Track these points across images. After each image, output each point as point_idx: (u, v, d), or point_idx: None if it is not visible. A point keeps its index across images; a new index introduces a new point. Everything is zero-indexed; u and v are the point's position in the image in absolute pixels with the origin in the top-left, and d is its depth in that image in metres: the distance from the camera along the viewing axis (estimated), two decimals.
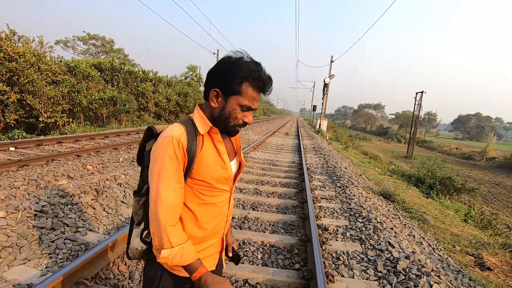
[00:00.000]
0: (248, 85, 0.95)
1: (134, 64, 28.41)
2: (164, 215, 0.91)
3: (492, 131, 53.73)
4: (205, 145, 1.00)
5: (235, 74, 0.94)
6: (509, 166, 22.30)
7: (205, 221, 1.04)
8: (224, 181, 1.05)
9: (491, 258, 3.82)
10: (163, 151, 0.92)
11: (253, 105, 0.99)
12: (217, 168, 1.02)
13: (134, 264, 2.48)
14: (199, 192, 1.01)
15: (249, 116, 1.02)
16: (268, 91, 1.01)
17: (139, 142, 8.77)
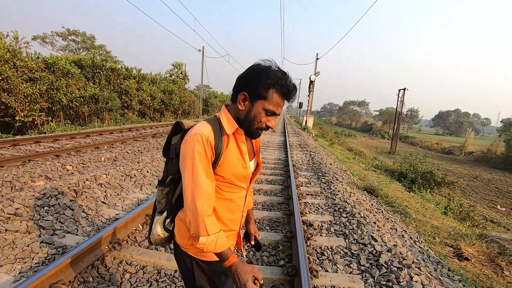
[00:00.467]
0: (274, 91, 1.02)
1: (116, 61, 27.69)
2: (201, 205, 1.00)
3: (470, 127, 55.87)
4: (230, 144, 1.08)
5: (263, 80, 1.01)
6: (486, 160, 23.27)
7: (223, 214, 1.14)
8: (243, 179, 1.14)
9: (468, 249, 3.97)
10: (193, 148, 1.00)
11: (277, 110, 1.06)
12: (239, 166, 1.10)
13: (115, 266, 2.41)
14: (219, 187, 1.10)
15: (272, 121, 1.09)
16: (292, 99, 1.08)
17: (122, 141, 8.58)
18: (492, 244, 4.10)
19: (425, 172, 9.23)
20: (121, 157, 6.39)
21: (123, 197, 3.89)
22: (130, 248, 2.65)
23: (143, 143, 8.49)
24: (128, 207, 3.62)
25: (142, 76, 19.44)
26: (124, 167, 4.85)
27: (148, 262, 2.50)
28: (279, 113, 1.07)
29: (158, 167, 5.41)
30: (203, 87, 33.69)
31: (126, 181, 4.41)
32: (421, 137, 43.79)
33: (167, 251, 2.75)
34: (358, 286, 2.33)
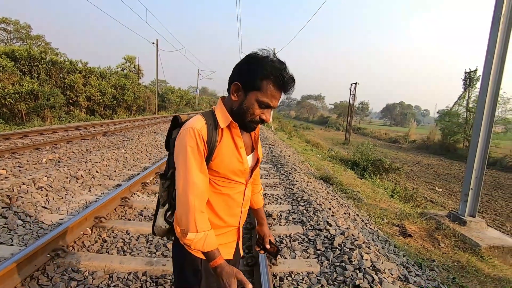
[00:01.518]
0: (268, 82, 0.97)
1: (58, 53, 25.16)
2: (193, 201, 0.97)
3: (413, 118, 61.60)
4: (224, 138, 1.04)
5: (257, 70, 0.96)
6: (426, 147, 25.87)
7: (220, 209, 1.09)
8: (239, 173, 1.09)
9: (411, 226, 4.38)
10: (185, 142, 0.98)
11: (272, 102, 1.00)
12: (234, 161, 1.06)
13: (59, 275, 2.20)
14: (215, 182, 1.06)
15: (267, 114, 1.04)
16: (289, 91, 1.02)
17: (67, 140, 7.85)
18: (430, 221, 4.57)
19: (375, 160, 9.94)
20: (66, 157, 5.85)
21: (68, 200, 3.56)
22: (76, 254, 2.44)
23: (92, 142, 7.87)
24: (75, 210, 3.33)
25: (89, 70, 17.90)
26: (69, 168, 4.44)
27: (98, 267, 2.33)
28: (275, 105, 1.01)
29: (109, 166, 5.05)
30: (159, 82, 32.26)
31: (71, 183, 4.04)
32: (371, 128, 47.12)
33: (120, 253, 2.59)
34: (314, 270, 2.43)
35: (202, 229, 0.98)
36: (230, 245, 1.18)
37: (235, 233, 1.19)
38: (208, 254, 0.99)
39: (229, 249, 1.17)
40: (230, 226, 1.15)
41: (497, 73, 4.10)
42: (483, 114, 4.18)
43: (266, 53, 1.01)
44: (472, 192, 4.34)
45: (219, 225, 1.11)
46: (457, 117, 22.87)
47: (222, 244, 1.11)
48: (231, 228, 1.16)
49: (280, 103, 49.09)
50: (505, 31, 4.04)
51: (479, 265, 3.42)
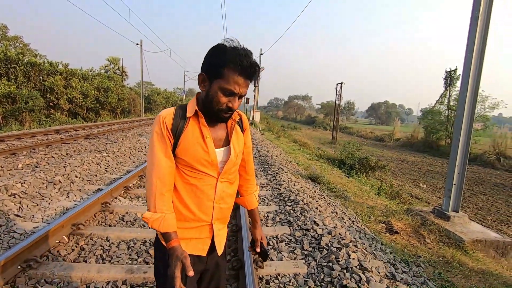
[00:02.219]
0: (229, 69, 0.98)
1: (37, 54, 24.30)
2: (155, 182, 1.04)
3: (397, 116, 63.12)
4: (190, 126, 1.07)
5: (218, 58, 0.99)
6: (410, 144, 26.47)
7: (189, 200, 1.10)
8: (207, 164, 1.09)
9: (398, 223, 4.41)
10: (153, 128, 1.07)
11: (236, 89, 1.00)
12: (199, 150, 1.07)
13: (32, 285, 2.06)
14: (183, 171, 1.09)
15: (233, 102, 1.03)
16: (252, 75, 1.02)
17: (47, 144, 7.53)
18: (416, 217, 4.62)
19: (361, 158, 10.05)
20: (45, 162, 5.60)
21: (44, 207, 3.38)
22: (51, 265, 2.30)
23: (73, 146, 7.58)
24: (51, 218, 3.16)
25: (70, 71, 17.36)
26: (45, 173, 4.23)
27: (74, 277, 2.19)
28: (241, 92, 1.02)
29: (89, 170, 4.86)
30: (144, 83, 31.70)
31: (48, 189, 3.84)
32: (357, 127, 47.89)
33: (98, 261, 2.46)
34: (301, 271, 2.38)
35: (160, 210, 1.04)
36: (203, 241, 1.16)
37: (207, 229, 1.16)
38: (165, 236, 1.04)
39: (202, 245, 1.16)
40: (201, 220, 1.13)
41: (477, 69, 4.19)
42: (464, 111, 4.26)
43: (231, 43, 1.01)
44: (455, 188, 4.42)
45: (188, 217, 1.12)
46: (439, 115, 23.54)
47: (194, 238, 1.14)
48: (202, 223, 1.14)
49: (268, 103, 49.23)
50: (483, 29, 4.13)
51: (464, 259, 3.47)
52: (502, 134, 18.41)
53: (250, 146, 1.31)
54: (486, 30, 4.14)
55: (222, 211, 1.17)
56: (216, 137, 1.12)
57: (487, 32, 4.15)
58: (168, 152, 1.06)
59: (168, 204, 1.07)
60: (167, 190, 1.06)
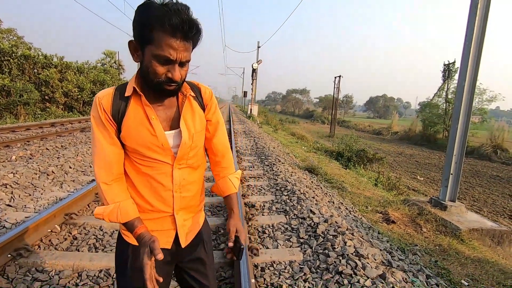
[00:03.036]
0: (158, 31, 0.79)
1: (31, 47, 23.95)
2: (98, 173, 0.93)
3: (395, 110, 63.14)
4: (132, 107, 0.92)
5: (144, 19, 0.81)
6: (408, 138, 26.52)
7: (144, 191, 0.98)
8: (157, 149, 0.94)
9: (394, 213, 4.40)
10: (91, 112, 0.93)
11: (171, 55, 0.82)
12: (144, 133, 0.92)
13: (21, 276, 2.02)
14: (134, 160, 0.96)
15: (173, 71, 0.85)
16: (187, 36, 0.82)
17: (41, 137, 7.44)
18: (413, 207, 4.62)
19: (358, 150, 10.04)
20: (39, 154, 5.53)
21: (37, 197, 3.33)
22: (42, 253, 2.26)
23: (68, 138, 7.50)
24: (43, 208, 3.11)
25: (65, 64, 17.13)
26: (38, 164, 4.17)
27: (66, 266, 2.16)
28: (180, 58, 0.83)
29: (83, 162, 4.80)
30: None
31: (41, 180, 3.79)
32: (355, 121, 47.88)
33: (91, 250, 2.43)
34: (297, 258, 2.36)
35: (112, 201, 0.93)
36: (167, 233, 1.04)
37: (170, 220, 1.03)
38: (128, 225, 0.93)
39: (165, 238, 1.03)
40: (161, 211, 1.01)
41: (475, 58, 4.14)
42: (462, 101, 4.23)
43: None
44: (452, 177, 4.41)
45: (146, 208, 1.00)
46: (437, 108, 23.53)
47: (155, 230, 1.00)
48: (163, 214, 1.01)
49: (266, 97, 49.04)
50: (482, 17, 4.07)
51: (460, 247, 3.46)
52: (499, 127, 18.43)
53: (217, 123, 1.11)
54: (486, 19, 4.08)
55: (184, 200, 1.03)
56: (166, 117, 0.96)
57: (486, 20, 4.08)
58: (112, 138, 0.92)
59: (121, 191, 0.95)
60: (114, 179, 0.94)
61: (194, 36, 0.85)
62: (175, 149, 0.97)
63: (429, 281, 2.39)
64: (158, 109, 0.95)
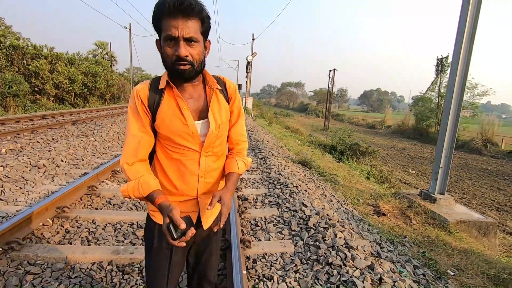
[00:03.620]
0: (161, 18, 0.92)
1: (20, 37, 23.32)
2: (123, 156, 1.04)
3: (389, 104, 63.60)
4: (165, 99, 1.02)
5: (154, 12, 0.94)
6: (401, 131, 26.83)
7: (173, 175, 1.08)
8: (187, 137, 1.03)
9: (385, 206, 4.49)
10: (129, 103, 1.04)
11: (173, 32, 0.91)
12: (176, 122, 1.01)
13: (12, 269, 2.02)
14: (166, 147, 1.06)
15: (178, 48, 0.92)
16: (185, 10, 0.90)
17: (32, 129, 7.33)
18: (403, 200, 4.71)
19: (352, 144, 10.13)
20: (29, 147, 5.45)
21: (28, 190, 3.30)
22: (34, 247, 2.26)
23: (59, 131, 7.40)
24: (34, 201, 3.09)
25: (55, 55, 16.75)
26: (29, 157, 4.12)
27: (58, 259, 2.16)
28: (183, 34, 0.91)
29: (75, 155, 4.76)
30: (135, 69, 30.94)
31: (32, 173, 3.75)
32: (349, 114, 48.14)
33: (84, 243, 2.43)
34: (288, 250, 2.40)
35: (134, 177, 1.01)
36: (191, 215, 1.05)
37: (194, 203, 1.12)
38: (149, 198, 0.99)
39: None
40: (185, 195, 1.10)
41: (467, 52, 4.18)
42: (452, 95, 4.28)
43: None
44: (442, 171, 4.49)
45: (172, 191, 1.09)
46: (430, 102, 23.76)
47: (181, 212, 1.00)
48: (188, 197, 1.11)
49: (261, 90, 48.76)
50: (474, 12, 4.10)
51: (447, 239, 3.56)
52: (489, 121, 18.74)
53: (239, 116, 1.21)
54: (477, 13, 4.11)
55: (207, 185, 1.13)
56: (195, 109, 1.06)
57: (478, 14, 4.11)
58: (144, 126, 1.03)
59: (142, 169, 1.04)
60: (137, 161, 1.04)
61: (196, 13, 0.92)
62: (203, 138, 1.07)
63: (416, 271, 2.46)
64: (189, 101, 1.05)
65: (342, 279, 1.94)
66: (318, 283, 1.95)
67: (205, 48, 1.02)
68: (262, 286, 1.94)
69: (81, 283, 1.97)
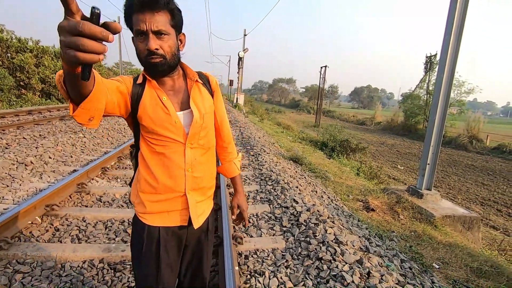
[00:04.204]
0: (130, 14, 0.92)
1: (3, 29, 22.55)
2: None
3: (379, 100, 64.39)
4: (147, 91, 1.02)
5: (124, 9, 0.94)
6: (390, 128, 27.27)
7: (158, 171, 1.05)
8: (170, 127, 1.02)
9: (374, 201, 4.58)
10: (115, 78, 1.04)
11: (142, 27, 0.91)
12: (158, 111, 1.01)
13: (1, 269, 1.99)
14: (149, 141, 1.04)
15: (148, 41, 0.92)
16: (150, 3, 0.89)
17: (17, 125, 7.15)
18: (392, 195, 4.82)
19: (342, 140, 10.25)
20: (15, 143, 5.32)
21: (15, 188, 3.24)
22: (23, 245, 2.23)
23: (46, 127, 7.24)
24: (22, 199, 3.03)
25: (41, 49, 16.28)
26: (16, 154, 4.03)
27: (48, 257, 2.14)
28: (151, 27, 0.91)
29: (64, 151, 4.67)
30: (124, 64, 30.37)
31: (19, 170, 3.67)
32: (340, 111, 48.61)
33: (74, 241, 2.41)
34: (280, 246, 2.44)
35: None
36: (181, 213, 1.10)
37: (183, 200, 1.09)
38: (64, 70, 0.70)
39: (181, 216, 1.10)
40: (173, 191, 1.07)
41: (454, 52, 4.28)
42: (440, 93, 4.38)
43: None
44: (429, 167, 4.61)
45: (159, 189, 1.06)
46: (418, 99, 24.21)
47: (171, 211, 1.09)
48: (176, 194, 1.07)
49: (252, 86, 48.70)
50: (462, 11, 4.19)
51: (433, 233, 3.67)
52: (475, 118, 19.23)
53: (222, 110, 1.23)
54: (464, 13, 4.20)
55: (196, 180, 1.10)
56: (177, 100, 1.06)
57: (465, 14, 4.21)
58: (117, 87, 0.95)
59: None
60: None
61: (163, 6, 0.91)
62: (187, 128, 1.05)
63: (403, 265, 2.54)
64: (169, 94, 1.05)
65: (331, 274, 1.99)
66: (309, 278, 1.99)
67: (179, 41, 1.03)
68: (254, 281, 1.98)
69: (72, 281, 1.96)
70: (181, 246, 1.16)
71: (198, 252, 1.21)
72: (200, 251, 1.21)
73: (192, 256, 1.20)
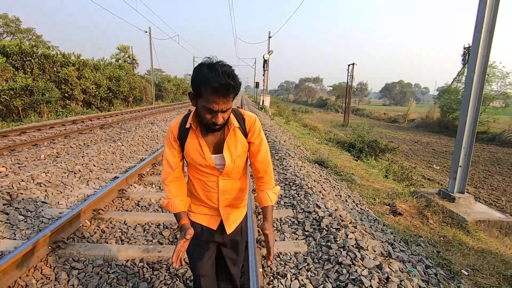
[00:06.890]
0: (206, 90, 1.07)
1: (50, 46, 24.80)
2: (163, 175, 1.38)
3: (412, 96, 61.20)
4: (190, 136, 1.28)
5: (196, 79, 1.10)
6: (425, 125, 25.87)
7: (199, 190, 1.38)
8: (206, 167, 1.31)
9: (402, 205, 4.51)
10: (165, 136, 1.35)
11: (214, 107, 1.10)
12: (198, 156, 1.29)
13: (60, 265, 2.34)
14: (194, 169, 1.36)
15: (215, 117, 1.14)
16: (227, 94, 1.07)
17: (65, 135, 7.94)
18: (421, 199, 4.70)
19: (370, 141, 10.02)
20: (64, 152, 5.95)
21: (67, 194, 3.69)
22: (76, 245, 2.58)
23: (89, 136, 7.95)
24: (74, 204, 3.46)
25: (82, 62, 17.74)
26: (66, 163, 4.55)
27: (97, 256, 2.47)
28: (221, 108, 1.10)
29: (105, 160, 5.16)
30: (155, 71, 31.93)
31: (69, 178, 4.15)
32: (370, 108, 46.88)
33: (118, 242, 2.73)
34: (302, 250, 2.57)
35: (167, 197, 1.35)
36: (214, 218, 1.42)
37: (216, 212, 1.42)
38: (176, 216, 1.33)
39: (213, 221, 1.42)
40: (208, 205, 1.41)
41: (485, 49, 4.09)
42: (471, 92, 4.21)
43: (209, 61, 1.10)
44: (461, 170, 4.44)
45: (201, 201, 1.41)
46: (456, 94, 22.69)
47: (208, 215, 1.43)
48: (210, 207, 1.41)
49: (279, 87, 48.80)
50: (493, 6, 4.00)
51: (464, 238, 3.56)
52: None
53: (260, 145, 1.36)
54: (496, 7, 4.00)
55: (227, 200, 1.40)
56: (214, 144, 1.29)
57: (497, 8, 4.01)
58: (173, 155, 1.33)
59: (174, 190, 1.36)
60: (171, 181, 1.36)
61: (233, 92, 1.09)
62: (220, 167, 1.32)
63: (428, 271, 2.54)
64: (208, 136, 1.29)
65: (350, 278, 2.08)
66: (328, 281, 2.10)
67: None
68: (277, 283, 2.13)
69: (118, 278, 2.25)
70: (214, 245, 1.50)
71: (234, 249, 1.51)
72: (235, 248, 1.52)
73: (227, 252, 1.51)
